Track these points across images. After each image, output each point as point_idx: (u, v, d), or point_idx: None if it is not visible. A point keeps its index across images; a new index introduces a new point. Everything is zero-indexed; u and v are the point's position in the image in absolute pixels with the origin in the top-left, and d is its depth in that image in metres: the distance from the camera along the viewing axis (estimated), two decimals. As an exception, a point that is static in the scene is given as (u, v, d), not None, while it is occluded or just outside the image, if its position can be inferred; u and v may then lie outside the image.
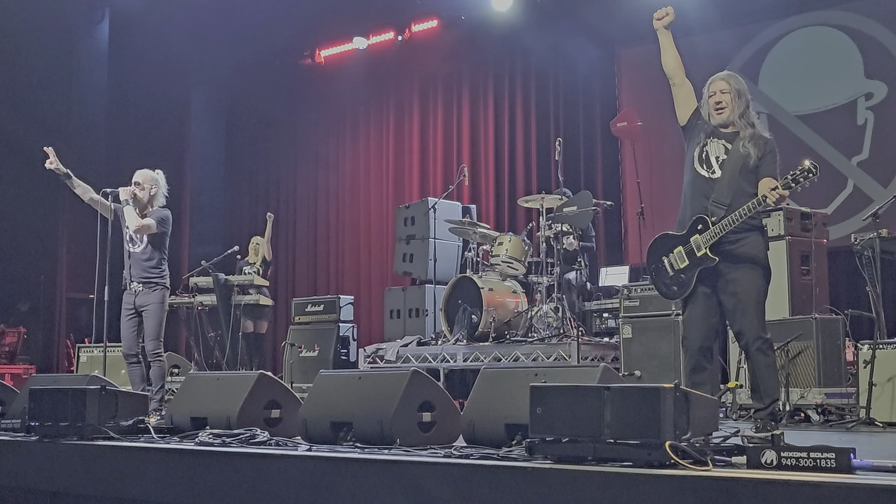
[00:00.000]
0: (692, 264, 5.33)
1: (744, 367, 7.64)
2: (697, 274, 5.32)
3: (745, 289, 5.25)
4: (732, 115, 5.45)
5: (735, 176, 5.31)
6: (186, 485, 4.97)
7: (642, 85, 11.99)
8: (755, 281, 5.27)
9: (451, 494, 3.95)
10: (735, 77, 5.58)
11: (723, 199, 5.29)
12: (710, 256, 5.25)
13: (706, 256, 5.26)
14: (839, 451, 3.40)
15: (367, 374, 5.60)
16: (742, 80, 5.57)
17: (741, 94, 5.46)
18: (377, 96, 14.56)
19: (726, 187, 5.31)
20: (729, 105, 5.46)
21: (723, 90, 5.51)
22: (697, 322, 5.38)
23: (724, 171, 5.35)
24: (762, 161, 5.33)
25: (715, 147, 5.44)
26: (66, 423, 5.66)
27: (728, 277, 5.27)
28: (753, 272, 5.27)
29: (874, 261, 7.42)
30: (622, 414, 3.70)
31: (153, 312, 7.41)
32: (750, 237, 5.31)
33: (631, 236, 11.39)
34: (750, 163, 5.32)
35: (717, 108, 5.49)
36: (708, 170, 5.40)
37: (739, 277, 5.25)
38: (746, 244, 5.28)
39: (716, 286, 5.33)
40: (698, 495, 3.31)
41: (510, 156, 13.05)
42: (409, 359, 9.64)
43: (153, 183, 7.64)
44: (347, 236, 14.61)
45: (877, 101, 10.38)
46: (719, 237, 5.23)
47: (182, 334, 13.00)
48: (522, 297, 9.71)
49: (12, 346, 13.12)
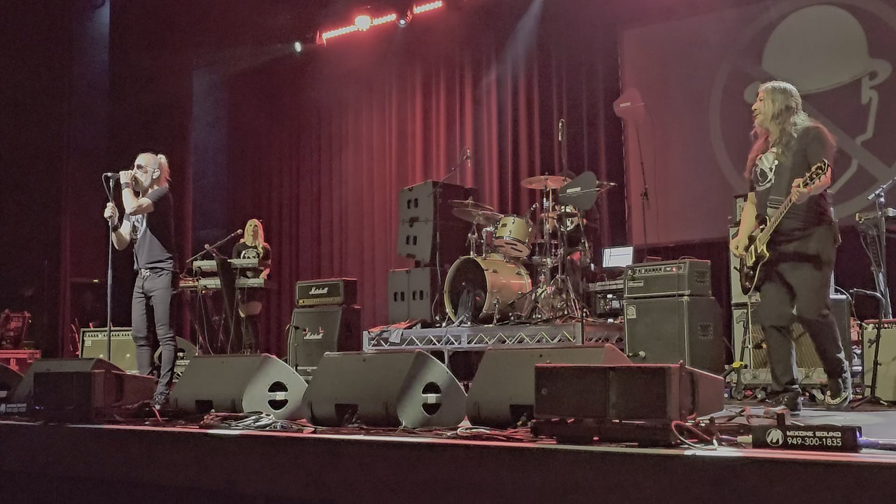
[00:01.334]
0: (756, 261, 5.99)
1: (749, 347, 7.69)
2: (761, 268, 5.96)
3: (801, 281, 5.83)
4: (766, 120, 6.02)
5: (788, 176, 5.80)
6: (192, 467, 4.98)
7: (645, 65, 11.96)
8: (810, 271, 5.81)
9: (457, 476, 3.95)
10: (772, 86, 6.08)
11: (779, 198, 5.83)
12: (765, 253, 5.90)
13: (762, 253, 5.92)
14: (845, 430, 3.40)
15: (371, 356, 5.60)
16: (783, 90, 6.03)
17: (775, 99, 5.97)
18: (379, 78, 14.50)
19: (783, 187, 5.82)
20: (761, 110, 6.03)
21: (759, 98, 6.08)
22: (767, 303, 6.05)
23: (778, 176, 5.92)
24: (808, 151, 5.81)
25: (765, 160, 6.06)
26: (72, 407, 5.67)
27: (789, 269, 5.87)
28: (807, 264, 5.81)
29: (879, 240, 7.41)
30: (627, 394, 3.70)
31: (160, 298, 7.40)
32: (814, 232, 5.84)
33: (635, 217, 11.38)
34: (799, 158, 5.82)
35: (755, 115, 6.10)
36: (764, 182, 6.03)
37: (796, 269, 5.84)
38: (807, 239, 5.83)
39: (784, 276, 5.92)
40: (704, 475, 3.31)
41: (513, 137, 13.01)
42: (413, 341, 9.64)
43: (156, 167, 7.61)
44: (351, 219, 14.59)
45: (881, 80, 10.34)
46: (770, 235, 5.86)
47: (186, 318, 13.02)
48: (526, 279, 9.70)
49: (17, 330, 13.12)
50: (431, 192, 10.78)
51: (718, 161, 11.13)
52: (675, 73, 11.65)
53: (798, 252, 5.84)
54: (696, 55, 11.50)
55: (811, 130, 5.87)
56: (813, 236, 5.83)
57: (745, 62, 11.18)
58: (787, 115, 5.94)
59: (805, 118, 6.00)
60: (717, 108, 11.29)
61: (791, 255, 5.86)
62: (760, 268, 5.96)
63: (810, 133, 5.86)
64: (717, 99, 11.30)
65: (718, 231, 9.56)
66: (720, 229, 9.21)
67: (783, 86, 6.05)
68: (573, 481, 3.61)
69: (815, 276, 5.81)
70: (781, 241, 5.88)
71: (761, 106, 6.03)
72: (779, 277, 5.94)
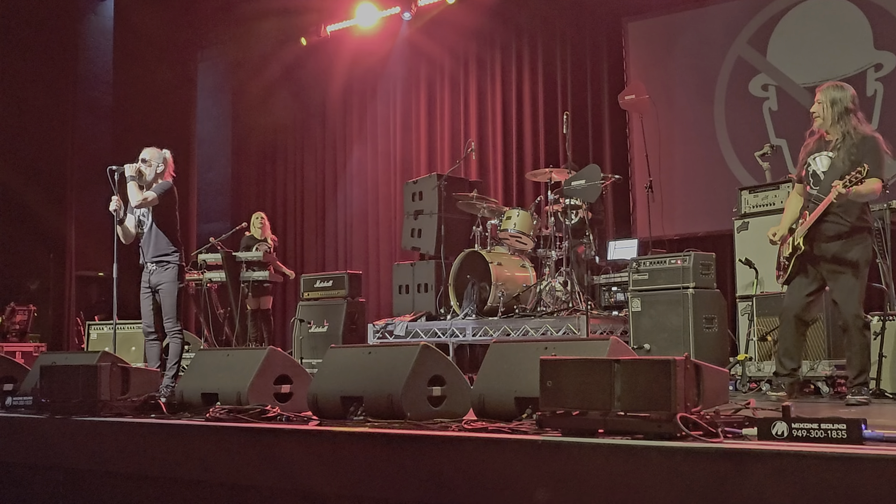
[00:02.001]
0: (791, 253, 6.16)
1: (753, 339, 7.69)
2: (795, 260, 6.13)
3: (838, 284, 6.02)
4: (826, 123, 6.07)
5: (837, 177, 5.84)
6: (197, 460, 4.99)
7: (650, 57, 11.94)
8: (847, 278, 5.97)
9: (462, 468, 3.95)
10: (832, 87, 6.15)
11: (823, 195, 5.93)
12: (801, 246, 6.06)
13: (798, 246, 6.08)
14: (850, 422, 3.40)
15: (377, 348, 5.60)
16: (841, 88, 6.12)
17: (835, 102, 6.02)
18: (384, 71, 14.48)
19: (828, 186, 5.89)
20: (821, 114, 6.08)
21: (818, 101, 6.12)
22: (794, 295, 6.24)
23: (828, 178, 5.99)
24: (864, 160, 5.83)
25: (819, 161, 6.12)
26: (78, 400, 5.68)
27: (827, 271, 6.06)
28: (847, 269, 5.97)
29: (884, 232, 7.40)
30: (633, 386, 3.70)
31: (167, 291, 7.41)
32: (856, 238, 5.98)
33: (639, 210, 11.36)
34: (853, 164, 5.84)
35: (814, 118, 6.16)
36: (815, 185, 6.11)
37: (835, 273, 6.02)
38: (848, 243, 5.97)
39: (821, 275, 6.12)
40: (709, 467, 3.31)
41: (518, 130, 12.99)
42: (418, 334, 9.65)
43: (160, 161, 7.61)
44: (355, 212, 14.59)
45: (886, 73, 10.30)
46: (809, 230, 6.00)
47: (192, 311, 13.03)
48: (531, 272, 9.70)
49: (23, 324, 13.15)
50: (436, 184, 10.78)
51: (723, 153, 11.11)
52: (680, 65, 11.63)
53: (838, 256, 5.99)
54: (700, 47, 11.48)
55: (869, 141, 5.97)
56: (854, 242, 5.98)
57: (749, 54, 11.15)
58: (847, 118, 6.02)
59: (862, 124, 6.08)
60: (721, 100, 11.27)
61: (831, 258, 6.02)
62: (795, 260, 6.14)
63: (868, 143, 5.95)
64: (722, 91, 11.28)
65: (723, 223, 9.55)
66: (725, 222, 9.20)
67: (841, 87, 6.13)
68: (578, 474, 3.61)
69: (852, 280, 5.97)
70: (823, 241, 6.03)
71: (820, 109, 6.09)
72: (811, 274, 6.13)
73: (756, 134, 10.68)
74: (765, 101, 10.97)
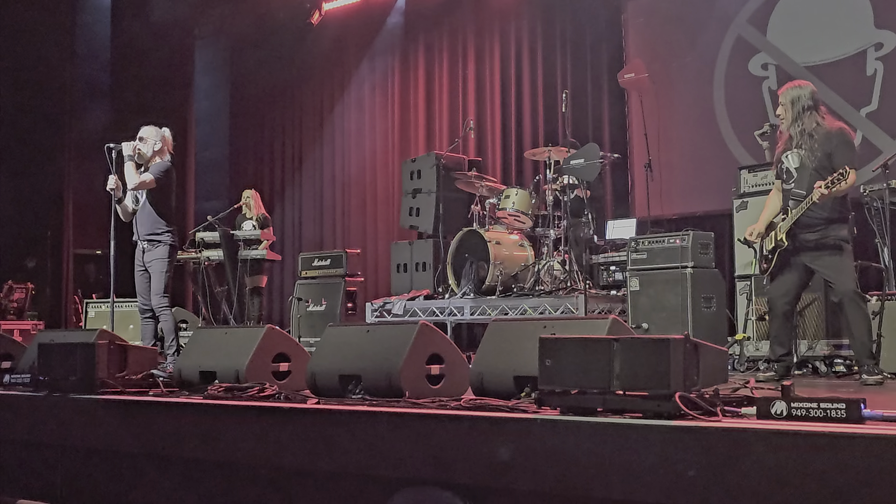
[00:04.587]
0: (774, 247, 6.35)
1: (752, 319, 7.70)
2: (778, 255, 6.33)
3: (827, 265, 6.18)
4: (787, 125, 6.31)
5: (809, 176, 6.13)
6: (196, 438, 4.99)
7: (649, 36, 11.88)
8: (833, 258, 6.15)
9: (460, 447, 3.95)
10: (791, 87, 6.38)
11: (801, 191, 6.17)
12: (784, 241, 6.26)
13: (781, 241, 6.27)
14: (849, 401, 3.39)
15: (375, 326, 5.58)
16: (799, 87, 6.34)
17: (795, 102, 6.25)
18: (381, 49, 14.42)
19: (804, 183, 6.15)
20: (783, 115, 6.33)
21: (780, 102, 6.36)
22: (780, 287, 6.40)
23: (800, 174, 6.23)
24: (834, 154, 6.10)
25: (791, 158, 6.33)
26: (76, 378, 5.67)
27: (811, 258, 6.22)
28: (830, 251, 6.15)
29: (883, 212, 7.40)
30: (632, 365, 3.69)
31: (157, 269, 7.43)
32: (835, 224, 6.15)
33: (638, 189, 11.33)
34: (825, 161, 6.12)
35: (780, 120, 6.40)
36: (789, 180, 6.33)
37: (820, 258, 6.18)
38: (827, 229, 6.15)
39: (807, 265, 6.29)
40: (708, 446, 3.31)
41: (516, 109, 12.95)
42: (416, 312, 9.65)
43: (158, 139, 7.59)
44: (353, 191, 14.56)
45: (886, 52, 10.25)
46: (790, 226, 6.19)
47: (189, 289, 13.03)
48: (529, 251, 9.69)
49: (20, 302, 13.16)
50: (434, 163, 10.76)
51: (722, 132, 11.07)
52: (680, 44, 11.57)
53: (819, 242, 6.17)
54: (700, 25, 11.42)
55: (835, 135, 6.15)
56: (833, 227, 6.15)
57: (749, 33, 11.10)
58: (806, 117, 6.21)
59: (822, 118, 6.23)
60: (721, 79, 11.22)
61: (812, 244, 6.19)
62: (778, 255, 6.33)
63: (835, 138, 6.14)
64: (722, 70, 11.22)
65: (722, 203, 9.54)
66: (724, 201, 9.19)
67: (799, 86, 6.33)
68: (577, 452, 3.61)
69: (838, 258, 6.14)
70: (803, 231, 6.21)
71: (783, 111, 6.32)
72: (794, 265, 6.31)
73: (755, 113, 10.64)
74: (764, 80, 10.92)
